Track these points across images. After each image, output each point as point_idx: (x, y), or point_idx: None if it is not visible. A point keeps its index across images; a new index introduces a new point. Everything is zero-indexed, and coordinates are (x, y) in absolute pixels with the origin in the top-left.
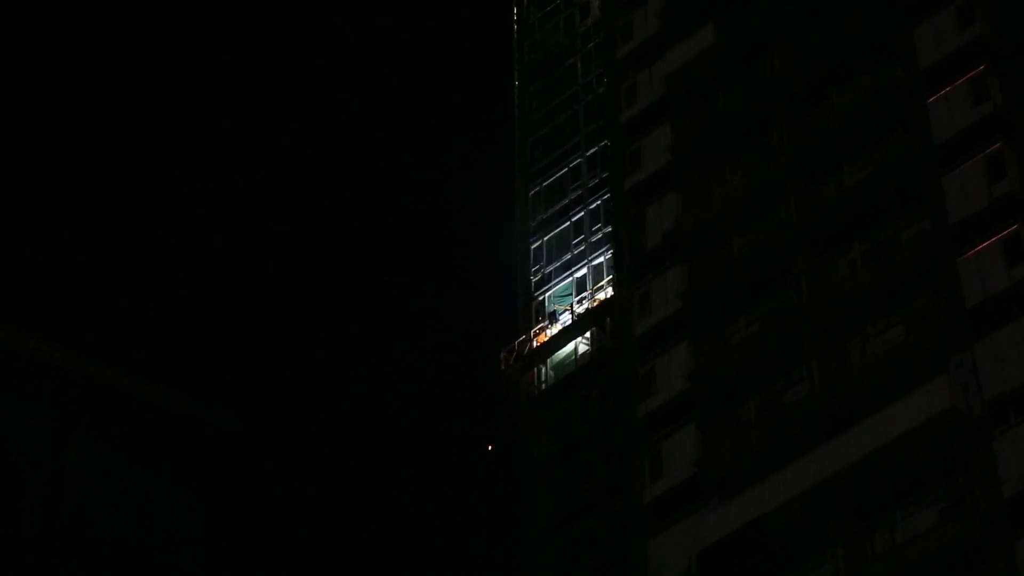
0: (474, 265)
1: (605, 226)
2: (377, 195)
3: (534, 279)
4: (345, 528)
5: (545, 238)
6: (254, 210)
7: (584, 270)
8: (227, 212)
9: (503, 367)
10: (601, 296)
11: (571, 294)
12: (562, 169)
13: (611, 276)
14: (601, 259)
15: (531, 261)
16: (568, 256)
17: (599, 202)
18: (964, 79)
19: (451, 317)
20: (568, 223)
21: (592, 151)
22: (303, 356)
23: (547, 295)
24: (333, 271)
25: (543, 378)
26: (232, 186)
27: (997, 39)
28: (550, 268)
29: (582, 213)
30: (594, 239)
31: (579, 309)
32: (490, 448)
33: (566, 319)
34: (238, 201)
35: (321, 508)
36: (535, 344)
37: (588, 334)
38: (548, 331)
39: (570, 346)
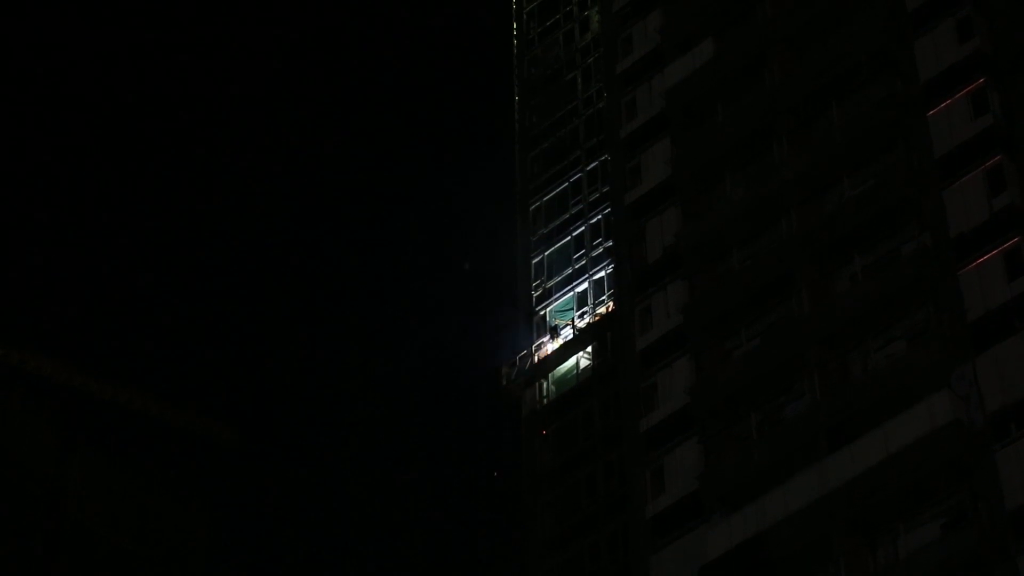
0: (475, 280)
1: (606, 240)
2: (377, 210)
3: (535, 294)
4: (347, 540)
5: (546, 253)
6: (256, 226)
7: (585, 284)
8: (228, 228)
9: (504, 382)
10: (602, 310)
11: (572, 309)
12: (562, 184)
13: (612, 290)
14: (602, 273)
15: (532, 276)
16: (569, 270)
17: (600, 216)
18: (964, 92)
19: (452, 332)
20: (569, 238)
21: (592, 165)
22: (304, 370)
23: (548, 310)
24: (334, 286)
25: (544, 393)
26: (233, 202)
27: (997, 52)
28: (551, 283)
29: (583, 227)
30: (595, 253)
31: (580, 324)
32: (496, 475)
33: (567, 334)
34: (239, 217)
35: (323, 521)
36: (536, 359)
37: (589, 349)
38: (549, 346)
39: (571, 361)
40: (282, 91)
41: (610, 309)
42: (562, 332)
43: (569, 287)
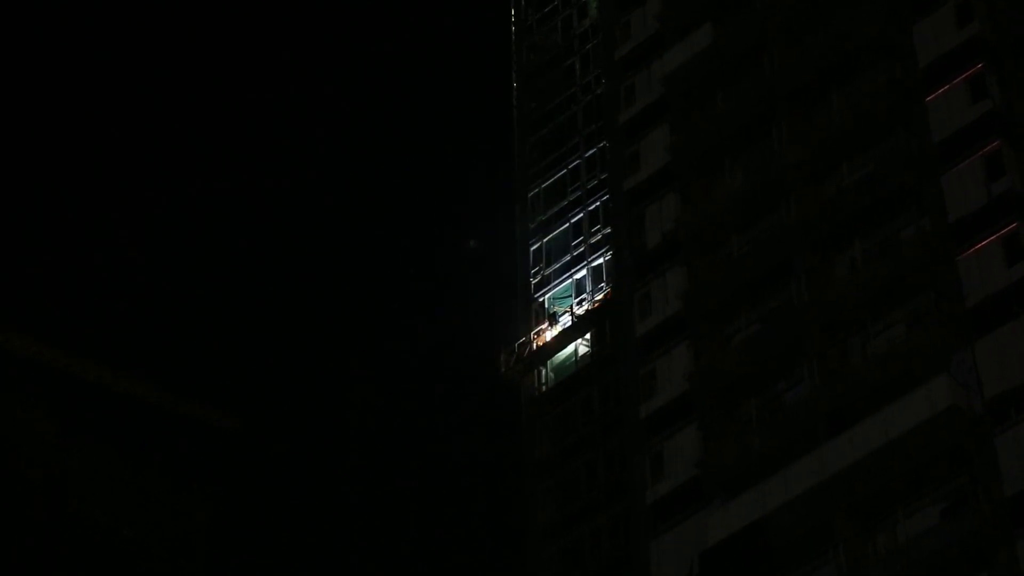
0: (473, 266)
1: (604, 227)
2: (376, 197)
3: (534, 281)
4: (347, 529)
5: (544, 239)
6: (254, 213)
7: (584, 271)
8: (227, 214)
9: (503, 369)
10: (601, 297)
11: (571, 295)
12: (561, 170)
13: (611, 277)
14: (601, 260)
15: (531, 262)
16: (568, 257)
17: (598, 203)
18: (963, 77)
19: (451, 319)
20: (567, 224)
21: (591, 152)
22: (305, 359)
23: (547, 296)
24: (332, 273)
25: (544, 380)
26: (232, 188)
27: (996, 37)
28: (550, 269)
29: (581, 214)
30: (594, 240)
31: (579, 310)
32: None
33: (566, 320)
34: (238, 203)
35: (323, 510)
36: (535, 346)
37: (588, 335)
38: (548, 333)
39: (570, 347)
40: (280, 80)
41: (608, 296)
42: (561, 319)
43: (568, 274)
